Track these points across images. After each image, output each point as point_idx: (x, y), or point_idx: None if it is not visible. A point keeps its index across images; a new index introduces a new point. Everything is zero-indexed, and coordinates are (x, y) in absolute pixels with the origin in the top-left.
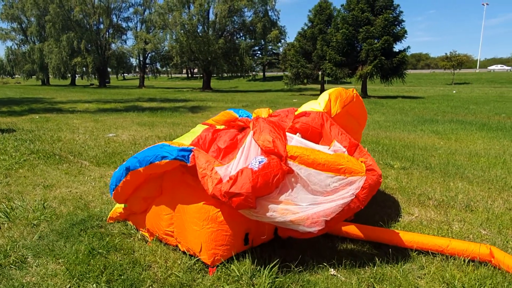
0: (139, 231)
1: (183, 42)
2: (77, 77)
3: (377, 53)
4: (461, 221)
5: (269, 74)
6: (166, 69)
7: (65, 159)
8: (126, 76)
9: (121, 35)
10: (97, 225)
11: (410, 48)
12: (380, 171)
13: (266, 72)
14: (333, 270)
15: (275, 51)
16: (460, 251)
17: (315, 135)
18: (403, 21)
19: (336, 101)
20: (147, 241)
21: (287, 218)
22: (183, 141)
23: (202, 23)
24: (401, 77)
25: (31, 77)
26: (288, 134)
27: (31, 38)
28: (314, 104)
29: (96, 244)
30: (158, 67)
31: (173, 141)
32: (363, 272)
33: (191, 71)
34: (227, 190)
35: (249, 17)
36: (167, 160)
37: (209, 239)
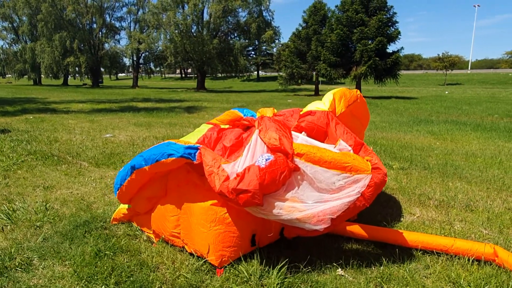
0: (144, 232)
1: (177, 42)
2: (70, 77)
3: (371, 54)
4: (462, 221)
5: (263, 74)
6: (160, 69)
7: (64, 160)
8: (119, 76)
9: (114, 35)
10: (101, 226)
11: (403, 49)
12: (385, 169)
13: (260, 72)
14: (340, 270)
15: (269, 51)
16: (464, 250)
17: (320, 134)
18: (397, 22)
19: (340, 100)
20: (153, 242)
21: (293, 216)
22: (189, 139)
23: (196, 23)
24: (395, 77)
25: (22, 76)
26: (293, 133)
27: (23, 37)
28: (319, 103)
29: (102, 245)
30: (151, 67)
31: (179, 139)
32: (370, 272)
33: (185, 71)
34: (234, 186)
35: (244, 18)
36: (174, 157)
37: (217, 240)
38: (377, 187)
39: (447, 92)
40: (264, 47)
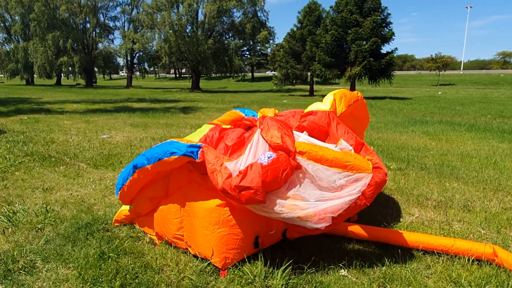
0: (146, 233)
1: (172, 42)
2: (63, 77)
3: (365, 54)
4: (460, 221)
5: (257, 74)
6: (154, 69)
7: (61, 161)
8: (112, 76)
9: (108, 35)
10: (103, 228)
11: (397, 49)
12: (386, 169)
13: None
14: (343, 270)
15: (263, 51)
16: (465, 250)
17: (321, 134)
18: (391, 23)
19: (341, 100)
20: (155, 244)
21: (295, 214)
22: (191, 139)
23: (191, 23)
24: (389, 78)
25: (14, 76)
26: (295, 132)
27: (15, 36)
28: (320, 104)
29: (105, 247)
30: (146, 67)
31: (182, 138)
32: (373, 272)
33: (179, 71)
34: (237, 184)
35: (238, 18)
36: (176, 156)
37: (220, 242)
38: (377, 186)
39: (440, 92)
40: (258, 48)
